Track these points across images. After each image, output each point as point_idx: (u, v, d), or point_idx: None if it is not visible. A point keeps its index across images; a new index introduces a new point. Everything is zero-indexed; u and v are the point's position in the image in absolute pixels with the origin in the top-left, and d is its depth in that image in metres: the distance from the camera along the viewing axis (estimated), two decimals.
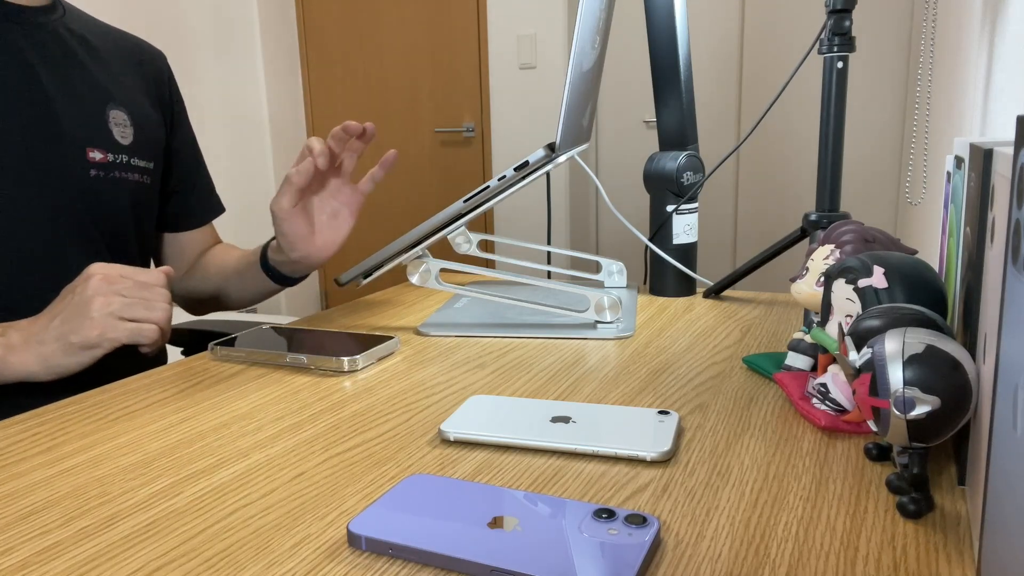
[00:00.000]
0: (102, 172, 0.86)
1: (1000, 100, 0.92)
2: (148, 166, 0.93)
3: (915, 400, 0.38)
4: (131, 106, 0.92)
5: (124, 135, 0.89)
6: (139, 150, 0.91)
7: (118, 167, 0.88)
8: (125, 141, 0.90)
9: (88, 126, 0.85)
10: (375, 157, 3.35)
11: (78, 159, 0.84)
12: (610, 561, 0.36)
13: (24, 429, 0.57)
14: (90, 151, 0.85)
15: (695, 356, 0.71)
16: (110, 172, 0.87)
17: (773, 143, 2.83)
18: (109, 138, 0.88)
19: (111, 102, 0.89)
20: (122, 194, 0.89)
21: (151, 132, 0.94)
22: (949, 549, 0.38)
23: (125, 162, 0.89)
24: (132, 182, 0.91)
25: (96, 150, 0.86)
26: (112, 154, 0.88)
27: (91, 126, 0.86)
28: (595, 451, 0.49)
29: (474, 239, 0.99)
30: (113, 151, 0.88)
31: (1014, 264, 0.30)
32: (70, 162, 0.83)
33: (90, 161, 0.85)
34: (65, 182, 0.83)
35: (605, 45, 0.89)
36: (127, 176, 0.90)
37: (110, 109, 0.89)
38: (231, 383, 0.67)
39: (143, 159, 0.92)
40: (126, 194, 0.90)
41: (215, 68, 3.27)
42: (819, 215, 0.82)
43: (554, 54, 2.88)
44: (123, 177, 0.89)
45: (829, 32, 0.77)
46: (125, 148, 0.90)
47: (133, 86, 0.94)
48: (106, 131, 0.88)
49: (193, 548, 0.40)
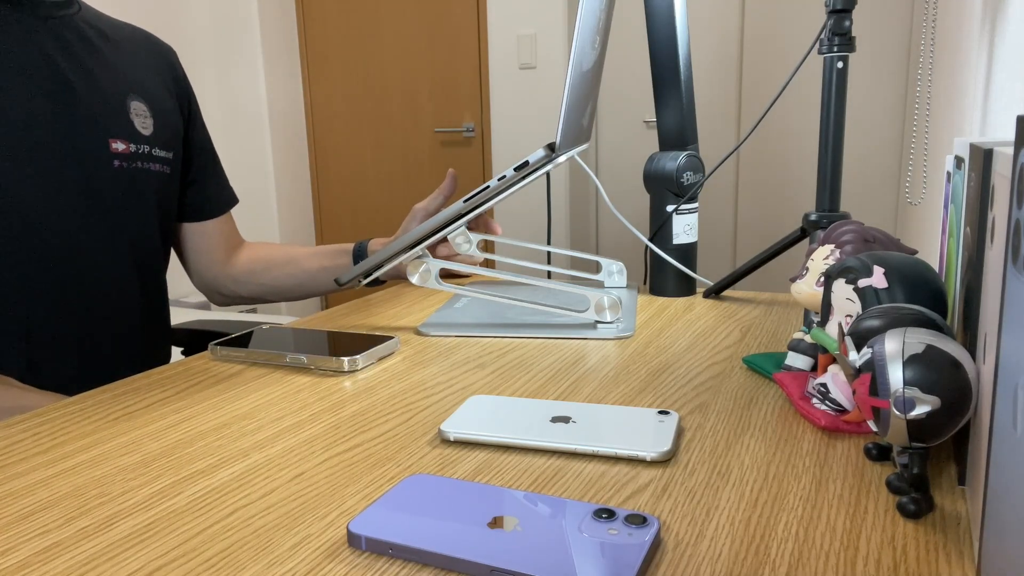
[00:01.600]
0: (125, 163, 0.87)
1: (1000, 100, 0.92)
2: (168, 156, 0.94)
3: (915, 400, 0.38)
4: (150, 97, 0.93)
5: (145, 126, 0.90)
6: (159, 140, 0.92)
7: (140, 157, 0.89)
8: (146, 132, 0.91)
9: (110, 117, 0.86)
10: (375, 157, 3.36)
11: (102, 150, 0.85)
12: (610, 561, 0.36)
13: (24, 429, 0.57)
14: (113, 142, 0.86)
15: (695, 356, 0.71)
16: (133, 163, 0.88)
17: (773, 143, 2.83)
18: (131, 128, 0.89)
19: (131, 93, 0.90)
20: (145, 185, 0.90)
21: (170, 122, 0.95)
22: (949, 549, 0.38)
23: (147, 152, 0.90)
24: (154, 172, 0.92)
25: (119, 140, 0.86)
26: (134, 144, 0.89)
27: (113, 117, 0.87)
28: (595, 451, 0.49)
29: (474, 239, 0.99)
30: (135, 141, 0.89)
31: (1014, 264, 0.30)
32: (94, 153, 0.84)
33: (113, 152, 0.86)
34: (89, 173, 0.84)
35: (605, 45, 0.89)
36: (149, 167, 0.91)
37: (131, 100, 0.89)
38: (231, 383, 0.67)
39: (164, 149, 0.93)
40: (149, 185, 0.91)
41: (215, 68, 3.27)
42: (819, 215, 0.82)
43: (554, 54, 2.88)
44: (145, 168, 0.90)
45: (829, 32, 0.77)
46: (146, 139, 0.90)
47: (151, 78, 0.95)
48: (127, 122, 0.88)
49: (193, 548, 0.40)
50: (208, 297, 1.11)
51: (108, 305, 0.87)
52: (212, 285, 1.09)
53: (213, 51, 3.26)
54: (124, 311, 0.89)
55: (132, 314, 0.90)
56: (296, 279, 1.07)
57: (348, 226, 3.47)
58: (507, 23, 2.92)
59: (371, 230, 3.42)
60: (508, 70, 2.96)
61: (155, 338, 0.97)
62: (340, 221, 3.49)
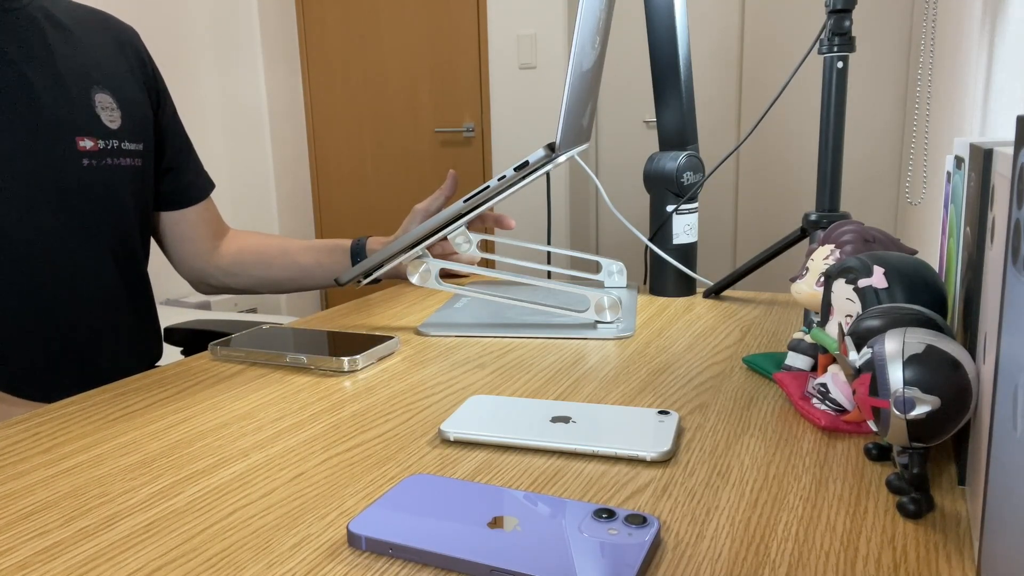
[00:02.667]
0: (94, 161, 0.84)
1: (1000, 100, 0.92)
2: (139, 148, 0.91)
3: (915, 400, 0.38)
4: (115, 87, 0.89)
5: (112, 119, 0.87)
6: (129, 133, 0.89)
7: (110, 153, 0.86)
8: (114, 125, 0.87)
9: (75, 114, 0.83)
10: (375, 156, 3.36)
11: (69, 150, 0.82)
12: (610, 561, 0.36)
13: (24, 429, 0.57)
14: (80, 140, 0.83)
15: (695, 356, 0.71)
16: (102, 160, 0.85)
17: (773, 143, 2.83)
18: (98, 124, 0.85)
19: (95, 85, 0.86)
20: (118, 181, 0.88)
21: (138, 112, 0.92)
22: (949, 549, 0.38)
23: (116, 147, 0.87)
24: (126, 167, 0.89)
25: (86, 138, 0.83)
26: (103, 140, 0.85)
27: (78, 113, 0.83)
28: (595, 451, 0.49)
29: (474, 239, 0.99)
30: (103, 137, 0.86)
31: (1014, 264, 0.30)
32: (61, 154, 0.81)
33: (81, 151, 0.83)
34: (59, 175, 0.81)
35: (605, 45, 0.89)
36: (120, 162, 0.88)
37: (95, 93, 0.86)
38: (231, 383, 0.67)
39: (133, 142, 0.90)
40: (122, 181, 0.88)
41: (215, 69, 3.27)
42: (819, 215, 0.82)
43: (554, 54, 2.88)
44: (116, 164, 0.87)
45: (829, 32, 0.77)
46: (115, 132, 0.87)
47: (115, 66, 0.91)
48: (94, 117, 0.85)
49: (193, 548, 0.40)
50: (194, 287, 1.08)
51: (92, 304, 0.86)
52: (199, 275, 1.06)
53: (213, 50, 3.25)
54: (108, 308, 0.88)
55: (117, 311, 0.89)
56: (289, 272, 1.04)
57: (348, 226, 3.47)
58: (507, 23, 2.92)
59: (371, 230, 3.42)
60: (508, 70, 2.96)
61: (143, 331, 0.95)
62: (340, 221, 3.49)
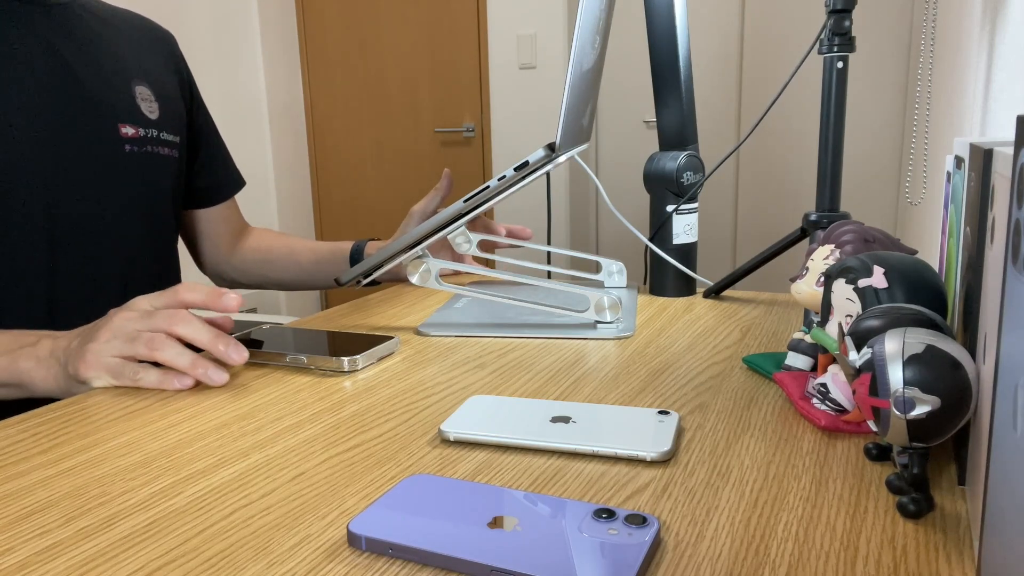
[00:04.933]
0: (135, 147, 0.88)
1: (1000, 100, 0.92)
2: (175, 140, 0.95)
3: (915, 400, 0.38)
4: (154, 82, 0.93)
5: (151, 110, 0.91)
6: (166, 124, 0.93)
7: (150, 141, 0.90)
8: (153, 116, 0.91)
9: (117, 102, 0.87)
10: (375, 156, 3.36)
11: (112, 135, 0.86)
12: (610, 561, 0.36)
13: (24, 429, 0.57)
14: (122, 127, 0.87)
15: (695, 356, 0.71)
16: (143, 147, 0.89)
17: (773, 143, 2.83)
18: (138, 113, 0.89)
19: (136, 78, 0.91)
20: (156, 169, 0.92)
21: (174, 107, 0.96)
22: (949, 549, 0.38)
23: (155, 136, 0.91)
24: (164, 156, 0.93)
25: (128, 125, 0.88)
26: (143, 128, 0.90)
27: (120, 102, 0.87)
28: (595, 451, 0.49)
29: (474, 239, 0.99)
30: (143, 125, 0.90)
31: (1014, 264, 0.30)
32: (104, 138, 0.85)
33: (123, 136, 0.87)
34: (102, 159, 0.85)
35: (605, 45, 0.89)
36: (159, 151, 0.92)
37: (136, 85, 0.90)
38: (231, 383, 0.67)
39: (171, 133, 0.94)
40: (160, 169, 0.92)
41: (215, 67, 3.27)
42: (819, 215, 0.82)
43: (554, 54, 2.88)
44: (155, 152, 0.91)
45: (829, 32, 0.77)
46: (154, 123, 0.91)
47: (153, 63, 0.96)
48: (135, 106, 0.89)
49: (193, 548, 0.40)
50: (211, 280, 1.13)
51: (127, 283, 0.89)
52: (215, 270, 1.11)
53: (213, 47, 3.25)
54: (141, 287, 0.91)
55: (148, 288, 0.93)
56: (292, 273, 1.09)
57: (348, 226, 3.47)
58: (507, 23, 2.92)
59: (371, 229, 3.42)
60: (508, 70, 2.96)
61: None
62: (340, 221, 3.49)
